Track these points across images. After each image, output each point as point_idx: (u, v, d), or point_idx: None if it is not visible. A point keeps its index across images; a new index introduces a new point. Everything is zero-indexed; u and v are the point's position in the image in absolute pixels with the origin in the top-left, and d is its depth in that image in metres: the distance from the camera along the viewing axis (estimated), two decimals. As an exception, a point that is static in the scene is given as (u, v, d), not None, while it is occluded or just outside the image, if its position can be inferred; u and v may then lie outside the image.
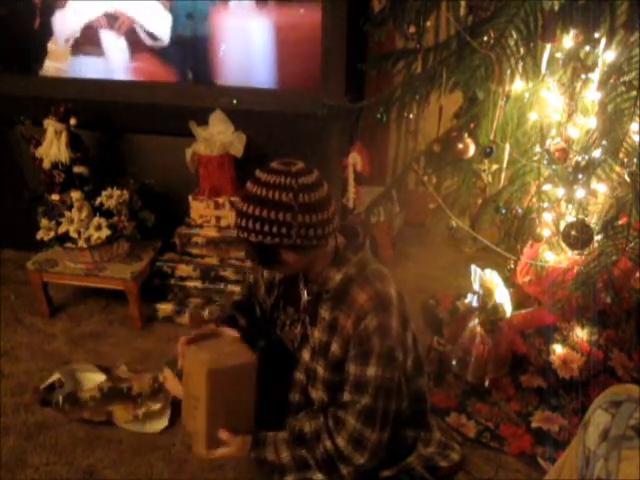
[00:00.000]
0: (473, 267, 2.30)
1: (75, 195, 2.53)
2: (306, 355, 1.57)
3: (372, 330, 1.42)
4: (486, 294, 2.23)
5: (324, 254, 1.45)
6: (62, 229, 2.52)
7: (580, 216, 1.98)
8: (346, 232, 1.54)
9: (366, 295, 1.44)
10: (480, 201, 2.38)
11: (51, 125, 2.62)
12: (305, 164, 1.41)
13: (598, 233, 1.92)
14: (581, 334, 2.15)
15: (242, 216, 1.38)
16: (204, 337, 1.70)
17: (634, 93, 1.74)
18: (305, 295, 1.55)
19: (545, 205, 2.10)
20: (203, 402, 1.68)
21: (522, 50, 1.90)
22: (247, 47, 2.74)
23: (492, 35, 1.93)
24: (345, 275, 1.45)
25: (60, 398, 2.11)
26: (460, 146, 2.17)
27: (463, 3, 2.12)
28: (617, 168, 1.83)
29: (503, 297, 2.23)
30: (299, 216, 1.34)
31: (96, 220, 2.53)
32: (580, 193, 1.98)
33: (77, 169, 2.67)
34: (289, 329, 1.63)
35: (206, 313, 1.80)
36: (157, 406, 2.05)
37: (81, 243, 2.52)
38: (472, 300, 2.29)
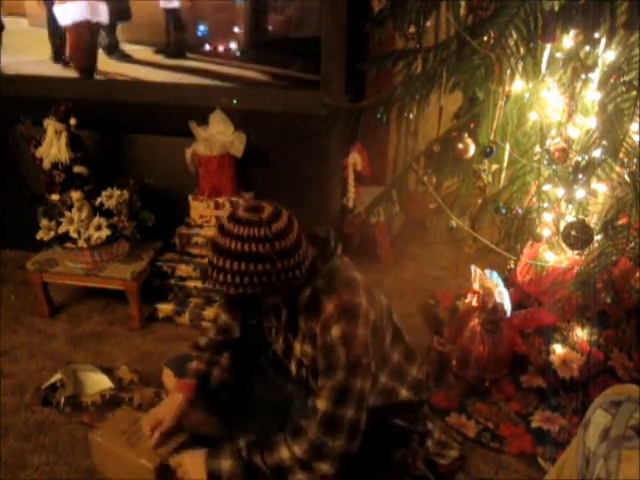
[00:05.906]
0: (473, 267, 2.30)
1: (75, 195, 2.53)
2: (293, 367, 1.58)
3: (336, 340, 1.41)
4: (486, 294, 2.23)
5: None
6: (62, 229, 2.52)
7: (580, 216, 1.98)
8: (316, 241, 1.52)
9: (332, 304, 1.43)
10: (480, 201, 2.38)
11: (51, 125, 2.61)
12: (273, 206, 1.40)
13: (598, 233, 1.92)
14: (581, 334, 2.15)
15: (219, 270, 1.36)
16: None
17: (634, 93, 1.74)
18: (285, 312, 1.54)
19: (545, 205, 2.10)
20: None
21: (522, 50, 1.90)
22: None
23: (492, 35, 1.93)
24: (313, 288, 1.46)
25: (62, 400, 2.11)
26: (460, 146, 2.17)
27: (463, 3, 2.12)
28: (617, 168, 1.83)
29: (503, 297, 2.23)
30: (278, 263, 1.35)
31: (96, 220, 2.52)
32: (580, 193, 1.98)
33: (77, 169, 2.67)
34: (275, 336, 1.64)
35: (192, 366, 1.73)
36: None
37: (81, 243, 2.51)
38: (472, 300, 2.29)
